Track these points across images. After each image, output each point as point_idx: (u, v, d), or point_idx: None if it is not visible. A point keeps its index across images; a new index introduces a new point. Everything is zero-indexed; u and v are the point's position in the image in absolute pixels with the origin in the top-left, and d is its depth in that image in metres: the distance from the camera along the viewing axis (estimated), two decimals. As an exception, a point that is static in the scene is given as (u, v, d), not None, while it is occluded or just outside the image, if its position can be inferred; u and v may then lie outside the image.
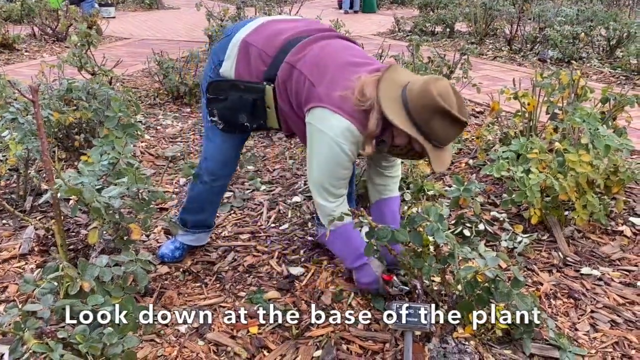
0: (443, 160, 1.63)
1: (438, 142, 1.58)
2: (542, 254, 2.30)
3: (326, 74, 1.67)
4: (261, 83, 1.79)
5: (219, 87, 1.86)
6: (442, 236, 1.67)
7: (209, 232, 2.28)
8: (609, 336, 1.82)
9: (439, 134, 1.56)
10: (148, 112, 4.23)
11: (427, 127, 1.55)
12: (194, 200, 2.16)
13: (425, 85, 1.53)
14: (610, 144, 2.38)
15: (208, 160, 2.06)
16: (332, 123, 1.63)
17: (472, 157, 3.32)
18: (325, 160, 1.68)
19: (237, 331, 1.82)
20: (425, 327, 1.62)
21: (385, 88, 1.57)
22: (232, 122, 1.90)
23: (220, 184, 2.13)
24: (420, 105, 1.53)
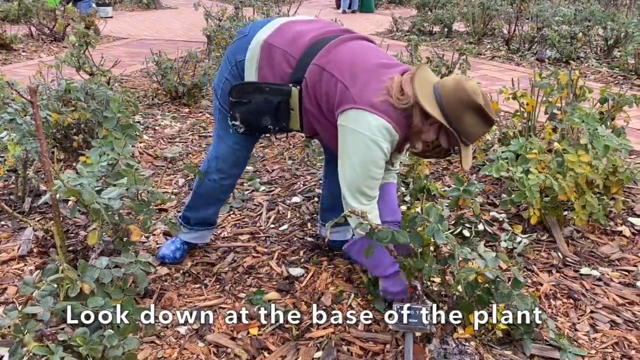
0: (470, 157, 1.73)
1: (467, 138, 1.66)
2: (542, 254, 2.30)
3: (359, 75, 1.69)
4: (287, 85, 1.78)
5: (242, 90, 1.83)
6: (442, 237, 1.67)
7: (211, 230, 2.27)
8: (608, 336, 1.82)
9: (469, 130, 1.63)
10: (146, 113, 4.22)
11: (459, 122, 1.62)
12: (199, 197, 2.15)
13: (459, 82, 1.62)
14: (609, 144, 2.38)
15: (219, 160, 2.05)
16: (370, 122, 1.64)
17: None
18: (361, 160, 1.69)
19: (238, 332, 1.82)
20: (425, 328, 1.62)
21: (419, 86, 1.63)
22: (255, 125, 1.88)
23: (229, 183, 2.13)
24: (453, 101, 1.61)
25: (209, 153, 2.12)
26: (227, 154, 2.04)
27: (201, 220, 2.20)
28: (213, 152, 2.09)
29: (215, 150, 2.07)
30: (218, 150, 2.06)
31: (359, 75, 1.68)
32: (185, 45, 6.73)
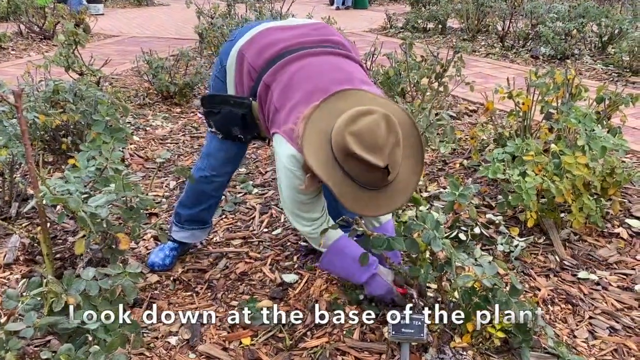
0: (370, 203, 1.47)
1: (362, 184, 1.45)
2: (539, 257, 2.27)
3: (291, 99, 1.61)
4: (247, 98, 1.78)
5: (212, 101, 1.86)
6: (439, 244, 1.63)
7: (204, 230, 2.22)
8: (607, 343, 1.79)
9: (357, 177, 1.43)
10: (137, 113, 4.15)
11: (346, 167, 1.43)
12: (192, 194, 2.12)
13: (343, 121, 1.41)
14: (606, 145, 2.35)
15: (211, 157, 2.04)
16: (283, 149, 1.59)
17: (466, 157, 3.28)
18: (285, 186, 1.65)
19: (229, 342, 1.77)
20: (422, 338, 1.58)
21: (317, 120, 1.48)
22: (228, 134, 1.91)
23: (221, 180, 2.09)
24: (334, 144, 1.43)
25: (202, 150, 2.11)
26: (218, 152, 2.01)
27: (192, 218, 2.15)
28: (205, 149, 2.07)
29: (207, 147, 2.06)
30: (210, 147, 2.04)
31: (291, 99, 1.60)
32: (177, 43, 6.66)
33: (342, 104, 1.49)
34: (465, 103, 4.51)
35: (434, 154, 3.35)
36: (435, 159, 3.31)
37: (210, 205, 2.16)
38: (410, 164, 1.50)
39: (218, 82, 1.91)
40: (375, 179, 1.43)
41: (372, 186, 1.46)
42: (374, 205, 1.48)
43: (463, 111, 4.27)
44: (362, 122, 1.38)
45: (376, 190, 1.46)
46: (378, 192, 1.47)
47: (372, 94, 1.55)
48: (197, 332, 1.80)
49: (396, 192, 1.49)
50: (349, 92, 1.54)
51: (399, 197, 1.51)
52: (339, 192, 1.45)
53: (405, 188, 1.50)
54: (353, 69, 1.72)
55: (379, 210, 1.51)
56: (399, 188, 1.49)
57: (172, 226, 2.20)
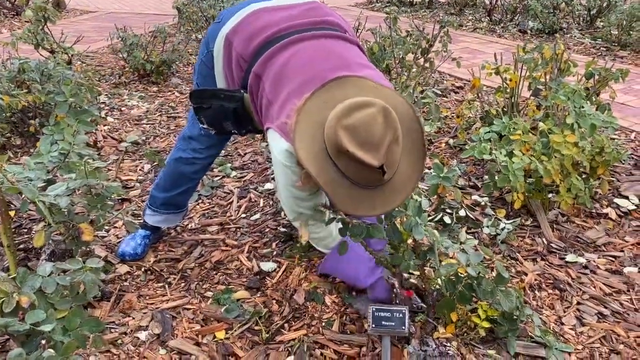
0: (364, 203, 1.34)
1: (356, 182, 1.32)
2: (526, 240, 2.20)
3: (284, 91, 1.48)
4: (239, 91, 1.65)
5: (201, 96, 1.72)
6: (421, 231, 1.55)
7: (178, 215, 2.12)
8: (596, 330, 1.73)
9: (350, 175, 1.30)
10: (112, 92, 3.99)
11: (339, 164, 1.30)
12: (169, 175, 2.01)
13: (336, 114, 1.27)
14: (596, 123, 2.27)
15: (193, 140, 1.93)
16: (277, 145, 1.47)
17: (452, 136, 3.19)
18: (283, 184, 1.53)
19: (203, 337, 1.68)
20: (404, 332, 1.50)
21: (311, 111, 1.35)
22: (221, 129, 1.78)
23: (203, 163, 1.98)
24: (327, 139, 1.29)
25: (183, 130, 1.99)
26: (202, 136, 1.90)
27: (168, 202, 2.04)
28: (187, 131, 1.95)
29: (190, 129, 1.94)
30: (193, 130, 1.92)
31: (283, 91, 1.47)
32: (156, 19, 6.44)
33: (339, 93, 1.36)
34: (452, 79, 4.40)
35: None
36: (421, 138, 3.20)
37: (187, 188, 2.05)
38: (410, 162, 1.36)
39: (204, 68, 1.76)
40: (370, 178, 1.30)
41: (367, 185, 1.33)
42: (368, 205, 1.35)
43: (449, 88, 4.16)
44: (358, 116, 1.24)
45: (371, 189, 1.34)
46: (373, 191, 1.34)
47: (374, 83, 1.41)
48: (168, 326, 1.71)
49: (393, 192, 1.36)
50: (347, 80, 1.40)
51: (396, 197, 1.37)
52: (330, 190, 1.32)
53: (403, 187, 1.36)
54: (351, 53, 1.58)
55: (374, 211, 1.37)
56: (396, 187, 1.36)
57: (145, 210, 2.09)
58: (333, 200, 1.34)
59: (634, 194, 2.50)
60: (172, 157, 1.99)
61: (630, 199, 2.46)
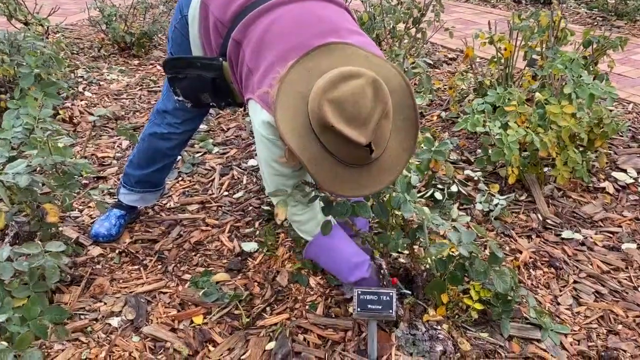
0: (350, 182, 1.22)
1: (342, 160, 1.20)
2: (520, 216, 2.10)
3: (266, 58, 1.35)
4: (217, 59, 1.51)
5: (176, 66, 1.59)
6: (410, 209, 1.44)
7: (155, 193, 2.00)
8: (593, 310, 1.65)
9: (336, 152, 1.18)
10: (91, 66, 3.82)
11: (323, 140, 1.18)
12: (144, 151, 1.89)
13: (321, 86, 1.14)
14: (594, 93, 2.16)
15: (168, 114, 1.80)
16: (258, 117, 1.35)
17: (444, 109, 3.07)
18: (264, 159, 1.41)
19: (179, 322, 1.59)
20: (391, 315, 1.41)
21: (294, 81, 1.22)
22: (197, 102, 1.65)
23: (179, 138, 1.85)
24: (311, 112, 1.17)
25: (157, 103, 1.86)
26: (177, 109, 1.78)
27: (144, 180, 1.93)
28: (161, 105, 1.82)
29: (164, 103, 1.81)
30: (167, 103, 1.79)
31: (265, 57, 1.33)
32: (137, -10, 6.17)
33: (325, 61, 1.24)
34: (444, 50, 4.26)
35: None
36: (412, 111, 3.08)
37: (164, 165, 1.92)
38: (401, 139, 1.25)
39: (178, 35, 1.63)
40: (357, 156, 1.19)
41: (354, 163, 1.22)
42: (355, 184, 1.24)
43: (442, 59, 4.02)
44: (344, 88, 1.12)
45: (358, 167, 1.23)
46: (361, 170, 1.23)
47: (364, 51, 1.27)
48: (142, 312, 1.61)
49: (382, 170, 1.25)
50: (334, 47, 1.26)
51: (385, 176, 1.26)
52: (313, 168, 1.20)
53: (392, 166, 1.25)
54: (339, 17, 1.43)
55: (362, 191, 1.27)
56: (385, 166, 1.25)
57: (120, 188, 1.97)
58: (316, 179, 1.22)
59: (632, 167, 2.41)
60: (146, 132, 1.86)
61: (628, 173, 2.37)
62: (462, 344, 1.47)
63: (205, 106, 1.69)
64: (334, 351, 1.47)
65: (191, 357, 1.47)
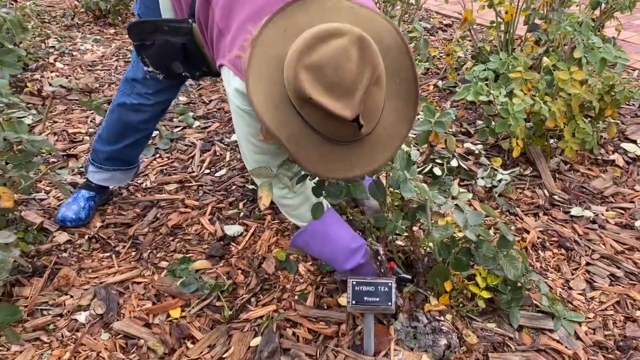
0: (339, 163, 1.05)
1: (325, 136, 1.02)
2: (526, 192, 1.95)
3: (237, 17, 1.15)
4: (186, 21, 1.33)
5: (142, 30, 1.41)
6: (410, 188, 1.28)
7: (128, 172, 1.82)
8: (608, 294, 1.51)
9: (318, 127, 1.00)
10: (63, 35, 3.57)
11: (304, 113, 0.99)
12: (113, 125, 1.70)
13: (296, 49, 0.94)
14: (607, 57, 1.99)
15: (138, 83, 1.61)
16: (231, 85, 1.17)
17: (441, 77, 2.89)
18: (242, 134, 1.23)
19: (154, 316, 1.43)
20: (390, 308, 1.26)
21: (268, 42, 1.04)
22: (169, 72, 1.46)
23: (152, 110, 1.66)
24: (287, 82, 0.98)
25: (126, 71, 1.66)
26: (147, 79, 1.59)
27: (114, 156, 1.74)
28: (130, 72, 1.63)
29: (133, 70, 1.62)
30: (136, 71, 1.60)
31: (237, 15, 1.15)
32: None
33: (303, 18, 1.05)
34: (439, 17, 4.04)
35: (404, 75, 2.94)
36: (406, 80, 2.90)
37: (136, 140, 1.73)
38: (397, 107, 1.07)
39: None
40: (343, 132, 1.01)
41: (342, 140, 1.04)
42: (344, 165, 1.06)
43: (437, 26, 3.81)
44: (323, 50, 0.93)
45: (347, 145, 1.05)
46: (350, 147, 1.05)
47: (349, 1, 1.08)
48: (113, 305, 1.45)
49: (377, 147, 1.07)
50: (302, 4, 1.06)
51: (380, 153, 1.07)
52: (293, 148, 1.02)
53: (389, 140, 1.07)
54: None
55: (353, 171, 1.08)
56: (380, 141, 1.07)
57: (88, 166, 1.79)
58: (298, 160, 1.04)
59: (641, 138, 2.26)
60: (114, 103, 1.67)
61: (638, 144, 2.22)
62: (467, 336, 1.33)
63: (179, 77, 1.50)
64: (326, 347, 1.32)
65: (167, 356, 1.32)
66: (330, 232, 1.36)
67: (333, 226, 1.36)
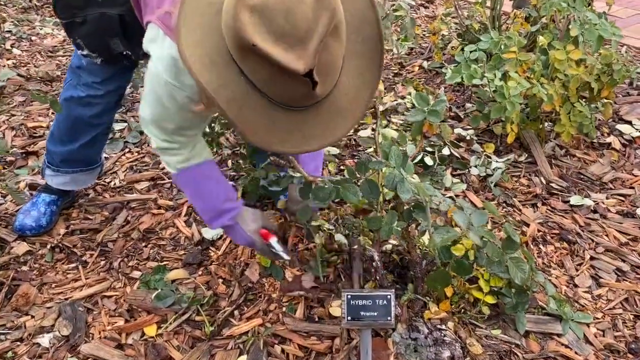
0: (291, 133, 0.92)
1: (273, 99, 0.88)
2: (522, 180, 1.85)
3: None
4: None
5: (70, 5, 1.24)
6: (408, 188, 1.15)
7: (91, 173, 1.64)
8: (615, 291, 1.43)
9: (263, 87, 0.86)
10: (20, 19, 3.31)
11: (247, 70, 0.85)
12: (64, 122, 1.52)
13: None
14: (603, 35, 1.88)
15: (83, 71, 1.42)
16: (158, 46, 1.02)
17: (426, 57, 2.75)
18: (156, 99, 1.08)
19: (127, 335, 1.29)
20: (389, 323, 1.14)
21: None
22: (108, 53, 1.30)
23: (104, 102, 1.47)
24: (225, 28, 0.83)
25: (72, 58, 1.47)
26: (92, 64, 1.39)
27: (71, 158, 1.56)
28: (75, 59, 1.44)
29: (78, 57, 1.42)
30: (79, 59, 1.41)
31: None
32: None
33: None
34: (420, -8, 3.89)
35: (387, 55, 2.80)
36: (390, 61, 2.76)
37: (93, 137, 1.54)
38: (359, 68, 0.94)
39: None
40: (296, 93, 0.86)
41: (293, 104, 0.89)
42: (298, 136, 0.92)
43: (418, 2, 3.66)
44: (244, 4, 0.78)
45: (301, 111, 0.91)
46: (304, 115, 0.91)
47: None
48: (80, 325, 1.31)
49: (335, 114, 0.93)
50: None
51: (339, 123, 0.94)
52: (234, 112, 0.86)
53: (350, 107, 0.94)
54: None
55: (309, 144, 0.94)
56: (340, 107, 0.93)
57: (44, 169, 1.61)
58: (242, 131, 0.89)
59: (636, 118, 2.17)
60: (62, 97, 1.48)
61: (633, 125, 2.13)
62: (472, 345, 1.23)
63: (120, 58, 1.32)
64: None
65: (143, 382, 1.19)
66: (201, 185, 1.26)
67: (204, 181, 1.26)
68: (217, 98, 0.85)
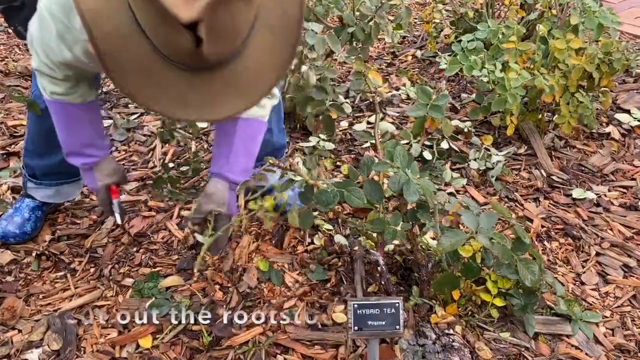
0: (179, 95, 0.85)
1: (165, 54, 0.81)
2: (522, 173, 1.81)
3: None
4: None
5: None
6: (414, 191, 1.10)
7: (75, 184, 1.54)
8: (623, 288, 1.40)
9: (147, 27, 0.79)
10: (-4, 10, 3.17)
11: (138, 15, 0.79)
12: (37, 133, 1.42)
13: None
14: (603, 22, 1.83)
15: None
16: None
17: (419, 46, 2.69)
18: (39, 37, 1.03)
19: (121, 348, 1.23)
20: (398, 332, 1.09)
21: None
22: None
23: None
24: None
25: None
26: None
27: (51, 171, 1.47)
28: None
29: None
30: None
31: None
32: None
33: None
34: (410, -21, 3.81)
35: (379, 45, 2.73)
36: (382, 50, 2.69)
37: None
38: (271, 47, 0.87)
39: None
40: (177, 45, 0.78)
41: (177, 60, 0.81)
42: (176, 99, 0.84)
43: (408, -11, 3.58)
44: None
45: (194, 72, 0.83)
46: (191, 79, 0.83)
47: None
48: (71, 338, 1.24)
49: (227, 89, 0.86)
50: None
51: (230, 100, 0.86)
52: (111, 62, 0.80)
53: (249, 85, 0.87)
54: None
55: (185, 112, 0.85)
56: (237, 82, 0.86)
57: (25, 182, 1.52)
58: (111, 73, 0.83)
59: (634, 107, 2.14)
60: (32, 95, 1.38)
61: (632, 114, 2.10)
62: (481, 350, 1.19)
63: None
64: (324, 376, 1.16)
65: (139, 398, 1.13)
66: (71, 123, 1.19)
67: (76, 121, 1.19)
68: (93, 30, 0.78)
